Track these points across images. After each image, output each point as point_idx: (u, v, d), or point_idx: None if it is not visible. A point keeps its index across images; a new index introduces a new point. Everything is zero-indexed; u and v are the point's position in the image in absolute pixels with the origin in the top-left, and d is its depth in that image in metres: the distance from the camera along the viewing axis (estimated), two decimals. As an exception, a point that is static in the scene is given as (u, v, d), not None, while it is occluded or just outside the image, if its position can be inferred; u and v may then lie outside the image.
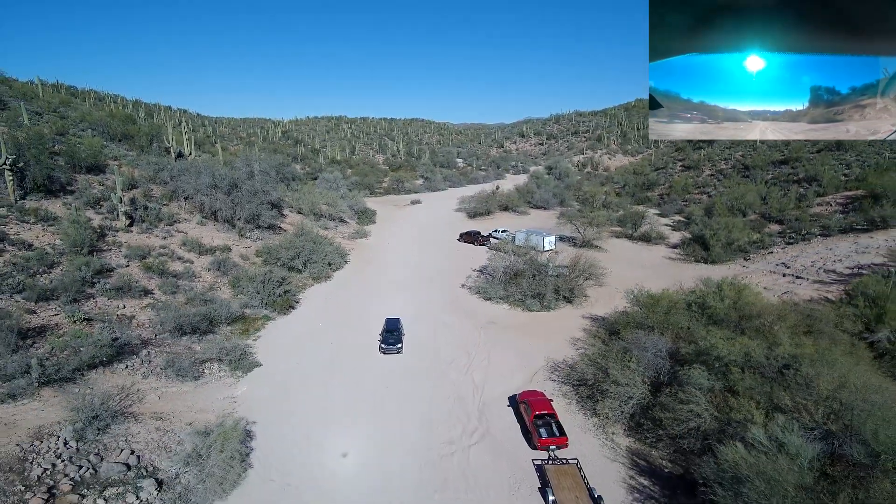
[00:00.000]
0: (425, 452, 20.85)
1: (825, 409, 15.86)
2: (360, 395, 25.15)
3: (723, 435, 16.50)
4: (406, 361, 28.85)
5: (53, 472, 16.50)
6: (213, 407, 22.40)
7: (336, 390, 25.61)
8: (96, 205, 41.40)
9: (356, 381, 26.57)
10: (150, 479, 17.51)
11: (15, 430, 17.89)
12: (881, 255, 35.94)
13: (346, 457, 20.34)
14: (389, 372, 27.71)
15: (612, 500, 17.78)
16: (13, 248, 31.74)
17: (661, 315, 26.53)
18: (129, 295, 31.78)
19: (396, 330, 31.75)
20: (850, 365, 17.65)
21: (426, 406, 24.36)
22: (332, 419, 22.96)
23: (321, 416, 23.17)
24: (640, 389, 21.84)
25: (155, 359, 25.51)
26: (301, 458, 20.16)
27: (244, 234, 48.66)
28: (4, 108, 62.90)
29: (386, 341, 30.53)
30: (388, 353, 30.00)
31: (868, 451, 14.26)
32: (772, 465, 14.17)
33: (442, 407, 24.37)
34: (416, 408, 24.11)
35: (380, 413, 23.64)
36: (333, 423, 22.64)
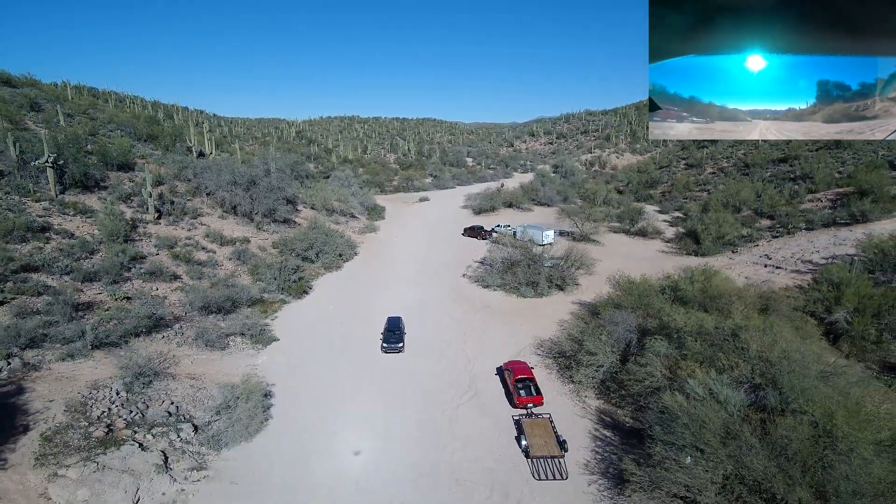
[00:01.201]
0: (421, 411, 24.04)
1: (754, 366, 18.69)
2: (365, 366, 28.41)
3: (669, 389, 19.39)
4: (407, 341, 31.85)
5: (109, 413, 20.03)
6: (237, 371, 25.80)
7: (344, 362, 28.92)
8: (128, 199, 45.25)
9: (362, 355, 29.82)
10: (188, 424, 20.98)
11: (75, 382, 21.48)
12: (854, 247, 38.26)
13: (353, 414, 23.60)
14: (397, 356, 30.88)
15: (577, 445, 20.83)
16: (58, 236, 35.54)
17: (636, 297, 29.36)
18: (160, 279, 35.45)
19: (398, 329, 32.19)
20: (784, 333, 20.42)
21: (424, 377, 27.48)
22: (340, 385, 26.26)
23: (330, 383, 26.51)
24: (610, 358, 24.80)
25: (186, 331, 29.11)
26: (314, 413, 23.50)
27: (261, 228, 52.32)
28: (40, 111, 67.66)
29: (387, 340, 30.98)
30: (389, 352, 30.41)
31: (782, 398, 17.09)
32: (702, 409, 17.07)
33: (437, 378, 27.51)
34: (415, 378, 27.23)
35: (382, 382, 26.86)
36: (341, 388, 25.95)
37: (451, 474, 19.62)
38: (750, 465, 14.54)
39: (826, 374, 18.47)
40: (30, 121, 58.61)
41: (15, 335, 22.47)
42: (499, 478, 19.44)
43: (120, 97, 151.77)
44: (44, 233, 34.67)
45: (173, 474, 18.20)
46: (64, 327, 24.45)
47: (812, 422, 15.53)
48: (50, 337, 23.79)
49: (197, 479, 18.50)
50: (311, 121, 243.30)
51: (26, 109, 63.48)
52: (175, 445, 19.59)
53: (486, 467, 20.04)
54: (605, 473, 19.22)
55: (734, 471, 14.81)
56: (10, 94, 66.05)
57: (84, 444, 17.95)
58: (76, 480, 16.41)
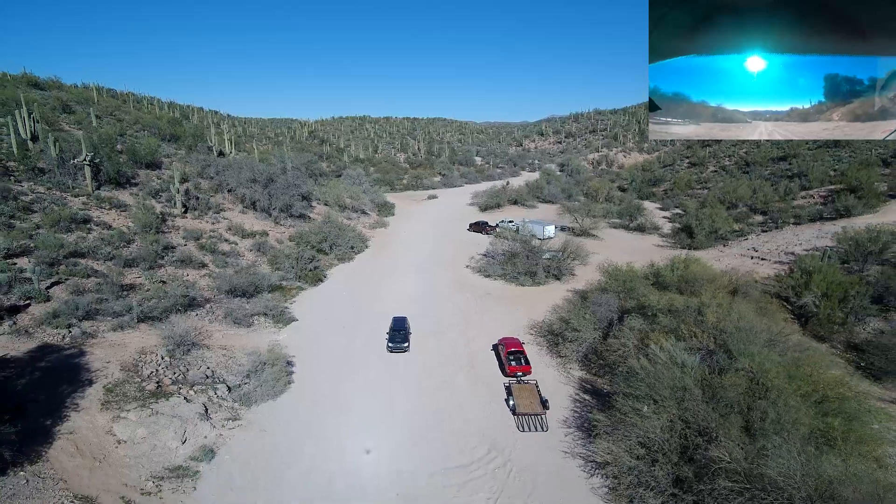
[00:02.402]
0: (423, 379, 27.21)
1: (710, 335, 21.57)
2: (373, 345, 31.57)
3: (637, 355, 22.32)
4: (413, 323, 34.85)
5: (157, 373, 23.48)
6: (262, 344, 29.13)
7: (355, 341, 32.17)
8: (156, 195, 49.04)
9: (371, 335, 32.95)
10: (223, 384, 24.38)
11: (126, 348, 24.99)
12: (832, 239, 40.68)
13: (362, 381, 26.86)
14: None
15: (559, 406, 23.91)
16: (98, 227, 39.29)
17: (620, 283, 32.25)
18: (190, 266, 39.04)
19: (403, 329, 32.08)
20: (741, 309, 23.25)
21: (427, 354, 30.54)
22: (351, 360, 29.48)
23: (343, 356, 29.81)
24: (593, 335, 27.78)
25: (216, 311, 32.62)
26: (329, 380, 26.81)
27: (279, 222, 55.89)
28: (71, 112, 72.10)
29: (393, 340, 30.95)
30: (394, 352, 30.51)
31: (730, 360, 19.97)
32: (660, 368, 20.01)
33: (439, 353, 30.64)
34: (419, 356, 30.26)
35: (389, 356, 30.06)
36: (352, 361, 29.23)
37: (448, 427, 22.78)
38: (692, 409, 17.47)
39: (772, 342, 21.30)
40: (64, 122, 62.94)
41: (74, 308, 26.07)
42: (488, 431, 22.56)
43: (137, 98, 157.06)
44: (85, 224, 38.37)
45: (213, 422, 21.60)
46: (113, 303, 28.05)
47: (750, 376, 18.41)
48: (101, 311, 27.39)
49: (232, 427, 21.89)
50: (322, 121, 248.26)
51: (59, 111, 67.93)
52: (213, 400, 22.99)
53: (479, 423, 23.18)
54: (581, 427, 22.26)
55: (679, 414, 17.73)
56: (41, 97, 70.52)
57: (139, 395, 21.42)
58: (135, 422, 19.86)
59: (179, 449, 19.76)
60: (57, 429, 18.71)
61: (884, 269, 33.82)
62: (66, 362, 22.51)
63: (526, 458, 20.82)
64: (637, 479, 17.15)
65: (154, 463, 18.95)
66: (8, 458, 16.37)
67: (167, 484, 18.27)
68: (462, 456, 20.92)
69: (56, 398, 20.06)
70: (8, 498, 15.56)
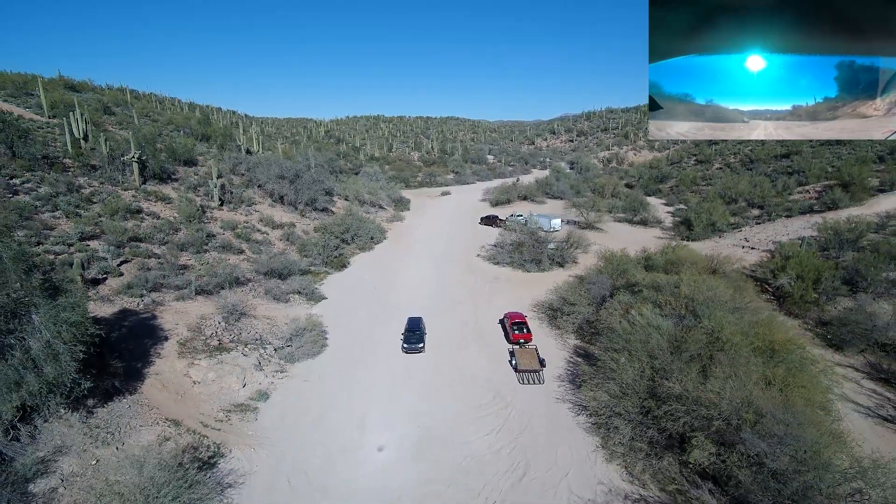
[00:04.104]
0: (438, 348, 31.39)
1: (683, 303, 25.45)
2: (393, 317, 35.86)
3: (620, 319, 26.28)
4: (428, 304, 39.00)
5: (217, 333, 28.07)
6: (300, 316, 33.63)
7: (377, 315, 36.51)
8: (195, 189, 53.97)
9: (391, 312, 37.28)
10: (270, 345, 28.89)
11: (189, 314, 29.64)
12: (815, 230, 44.02)
13: (386, 346, 31.18)
14: (416, 307, 38.27)
15: (555, 366, 28.02)
16: (149, 217, 44.23)
17: (614, 266, 36.13)
18: (230, 252, 43.78)
19: (418, 329, 32.01)
20: (713, 284, 27.04)
21: (442, 327, 34.66)
22: (375, 333, 33.72)
23: (367, 326, 34.18)
24: (587, 309, 31.75)
25: (257, 289, 37.25)
26: (357, 345, 31.19)
27: (304, 215, 60.62)
28: (112, 114, 77.82)
29: (408, 341, 30.73)
30: (410, 353, 30.35)
31: (697, 321, 23.84)
32: (638, 329, 23.96)
33: (453, 327, 34.81)
34: (434, 328, 34.36)
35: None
36: (375, 331, 33.56)
37: (460, 381, 27.03)
38: (660, 358, 21.41)
39: (736, 309, 25.12)
40: (107, 123, 68.47)
41: (144, 281, 30.82)
42: (494, 384, 26.74)
43: (159, 98, 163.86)
44: (138, 214, 43.29)
45: (265, 373, 26.12)
46: (174, 279, 32.78)
47: (708, 332, 22.28)
48: (165, 285, 32.12)
49: (280, 377, 26.38)
50: (337, 120, 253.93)
51: (100, 112, 73.62)
52: (263, 357, 27.51)
53: (486, 378, 27.38)
54: (572, 381, 26.33)
55: (649, 362, 21.68)
56: (82, 99, 76.25)
57: (205, 349, 26.02)
58: (206, 367, 24.43)
59: (241, 391, 24.29)
60: (146, 371, 23.35)
61: (857, 255, 37.14)
62: (143, 323, 27.22)
63: (524, 403, 24.96)
64: (612, 411, 21.18)
65: (222, 400, 23.50)
66: (118, 387, 20.99)
67: (234, 416, 22.78)
68: (472, 401, 25.13)
69: (141, 349, 24.73)
70: (118, 417, 20.16)
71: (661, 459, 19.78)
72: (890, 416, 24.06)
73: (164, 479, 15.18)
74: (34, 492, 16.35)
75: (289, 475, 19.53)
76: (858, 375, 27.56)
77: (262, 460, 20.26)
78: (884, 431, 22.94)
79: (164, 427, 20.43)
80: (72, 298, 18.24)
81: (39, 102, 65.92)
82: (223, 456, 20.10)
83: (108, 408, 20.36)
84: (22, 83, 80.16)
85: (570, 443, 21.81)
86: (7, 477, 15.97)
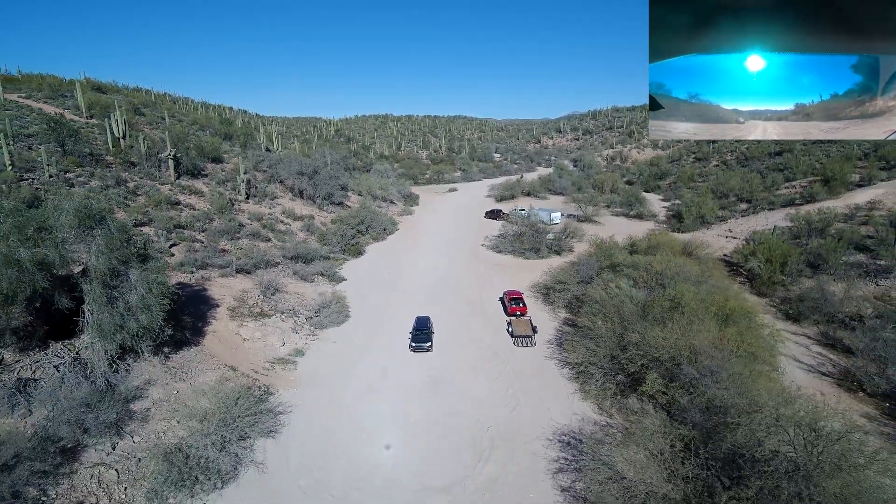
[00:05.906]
0: (445, 319, 36.11)
1: (654, 277, 29.97)
2: (404, 297, 40.63)
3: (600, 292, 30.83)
4: (436, 285, 43.66)
5: (258, 304, 32.99)
6: (325, 292, 38.50)
7: (391, 294, 41.33)
8: (223, 184, 59.08)
9: (403, 291, 42.06)
10: (301, 315, 33.78)
11: (232, 288, 34.64)
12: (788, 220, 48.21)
13: (401, 321, 35.96)
14: (426, 288, 42.99)
15: (546, 333, 32.69)
16: (186, 208, 49.34)
17: (602, 251, 40.65)
18: (258, 239, 48.77)
19: (426, 328, 32.38)
20: (682, 262, 31.53)
21: (448, 305, 39.42)
22: (389, 304, 38.59)
23: (383, 302, 39.03)
24: (576, 287, 36.33)
25: (286, 270, 42.21)
26: (375, 315, 36.05)
27: (322, 208, 65.60)
28: (142, 114, 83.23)
29: (416, 339, 31.11)
30: (417, 352, 30.69)
31: (664, 291, 28.35)
32: (614, 298, 28.51)
33: (457, 304, 39.53)
34: (441, 305, 39.13)
35: (420, 304, 39.08)
36: (391, 307, 38.36)
37: (465, 344, 31.76)
38: (629, 319, 25.96)
39: (699, 281, 29.60)
40: (140, 123, 73.80)
41: (193, 261, 35.88)
42: (493, 346, 31.46)
43: (173, 98, 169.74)
44: (177, 205, 48.40)
45: (300, 335, 31.01)
46: (216, 259, 37.82)
47: (671, 298, 26.79)
48: (210, 264, 37.14)
49: (313, 339, 31.31)
50: (346, 119, 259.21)
51: (132, 113, 79.00)
52: (297, 324, 32.41)
53: (487, 342, 32.09)
54: (560, 344, 30.96)
55: (619, 322, 26.25)
56: (114, 100, 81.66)
57: (250, 314, 30.99)
58: (252, 328, 29.39)
59: (281, 348, 29.21)
60: (205, 329, 28.34)
61: (821, 242, 41.33)
62: (196, 294, 32.22)
63: (518, 362, 29.67)
64: (588, 360, 25.81)
65: (267, 354, 28.43)
66: (187, 338, 25.96)
67: (277, 366, 27.70)
68: (474, 360, 29.88)
69: (199, 312, 29.72)
70: (188, 361, 25.11)
71: (626, 398, 24.36)
72: (828, 371, 28.46)
73: (238, 395, 20.05)
74: (134, 409, 21.30)
75: (326, 406, 24.40)
76: (809, 342, 31.88)
77: (304, 397, 25.16)
78: (819, 383, 27.33)
79: (224, 370, 25.36)
80: (158, 264, 23.14)
81: (76, 104, 71.47)
82: (272, 394, 25.00)
83: (179, 354, 25.34)
84: (57, 85, 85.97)
85: (554, 388, 26.48)
86: (115, 396, 20.91)
